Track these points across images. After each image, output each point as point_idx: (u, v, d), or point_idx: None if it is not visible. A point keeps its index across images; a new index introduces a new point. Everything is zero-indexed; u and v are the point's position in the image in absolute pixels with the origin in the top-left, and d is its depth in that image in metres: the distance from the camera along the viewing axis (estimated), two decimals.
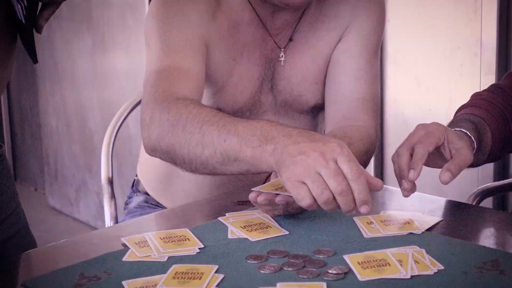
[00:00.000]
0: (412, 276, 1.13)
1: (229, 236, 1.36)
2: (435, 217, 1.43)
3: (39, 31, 1.34)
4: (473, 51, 2.18)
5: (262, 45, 1.66)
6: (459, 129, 1.53)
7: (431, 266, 1.19)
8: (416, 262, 1.19)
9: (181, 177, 1.69)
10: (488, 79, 2.14)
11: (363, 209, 1.22)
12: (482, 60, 2.16)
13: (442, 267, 1.19)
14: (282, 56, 1.67)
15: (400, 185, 1.44)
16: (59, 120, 3.73)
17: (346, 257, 1.22)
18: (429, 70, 2.33)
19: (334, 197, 1.21)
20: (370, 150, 1.66)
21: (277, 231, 1.38)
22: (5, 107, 4.21)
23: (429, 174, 1.51)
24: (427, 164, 1.43)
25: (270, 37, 1.65)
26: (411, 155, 1.42)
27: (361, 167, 1.24)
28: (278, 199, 1.33)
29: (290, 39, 1.67)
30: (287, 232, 1.38)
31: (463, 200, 1.77)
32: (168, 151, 1.43)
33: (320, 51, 1.67)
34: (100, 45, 3.37)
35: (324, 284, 1.13)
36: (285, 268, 1.19)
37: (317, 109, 1.75)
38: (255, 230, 1.39)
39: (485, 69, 2.16)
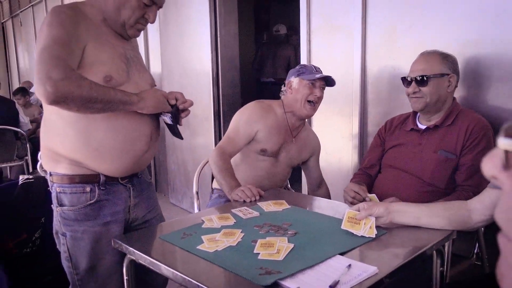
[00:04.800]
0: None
1: (265, 210, 1.36)
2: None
3: (180, 136, 1.32)
4: (349, 138, 2.12)
5: (286, 134, 1.72)
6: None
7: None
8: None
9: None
10: (355, 152, 2.08)
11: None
12: (343, 143, 2.11)
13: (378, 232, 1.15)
14: (293, 140, 1.74)
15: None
16: (174, 165, 3.68)
17: (296, 225, 1.21)
18: (330, 149, 2.21)
19: None
20: (327, 192, 1.85)
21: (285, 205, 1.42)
22: (152, 162, 4.19)
23: None
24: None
25: (291, 133, 1.73)
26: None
27: None
28: None
29: (294, 137, 1.75)
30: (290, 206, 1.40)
31: None
32: (214, 175, 1.58)
33: (303, 149, 1.77)
34: (193, 133, 3.33)
35: (286, 238, 1.12)
36: (270, 231, 1.19)
37: (304, 164, 1.84)
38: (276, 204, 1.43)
39: (353, 146, 2.09)
